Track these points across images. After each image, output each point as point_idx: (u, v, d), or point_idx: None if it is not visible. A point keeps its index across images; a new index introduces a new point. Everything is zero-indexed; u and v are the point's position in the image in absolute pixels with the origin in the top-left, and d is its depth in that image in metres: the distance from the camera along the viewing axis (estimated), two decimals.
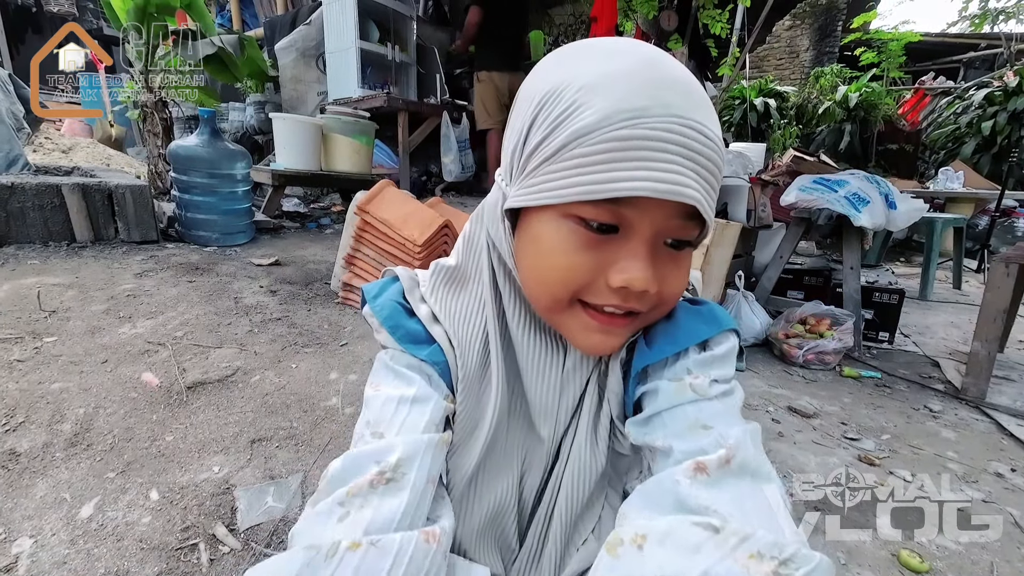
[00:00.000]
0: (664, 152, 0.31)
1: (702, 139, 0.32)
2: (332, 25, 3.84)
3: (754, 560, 0.29)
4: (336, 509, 0.34)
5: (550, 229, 0.35)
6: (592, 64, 0.34)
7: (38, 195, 2.12)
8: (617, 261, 0.34)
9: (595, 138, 0.32)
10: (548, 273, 0.36)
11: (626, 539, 0.33)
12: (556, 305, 0.37)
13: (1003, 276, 1.49)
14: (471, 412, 0.43)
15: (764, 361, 1.82)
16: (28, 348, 1.34)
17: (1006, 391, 1.62)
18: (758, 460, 0.35)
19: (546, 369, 0.43)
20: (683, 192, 0.32)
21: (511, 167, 0.38)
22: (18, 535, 0.80)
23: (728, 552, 0.30)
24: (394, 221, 1.73)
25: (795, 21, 7.74)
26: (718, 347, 0.41)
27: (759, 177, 2.81)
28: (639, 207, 0.33)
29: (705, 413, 0.38)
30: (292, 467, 1.02)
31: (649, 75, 0.32)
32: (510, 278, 0.41)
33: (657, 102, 0.31)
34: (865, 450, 1.24)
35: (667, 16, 4.08)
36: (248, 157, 2.64)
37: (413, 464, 0.36)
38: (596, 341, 0.38)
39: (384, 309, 0.44)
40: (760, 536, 0.30)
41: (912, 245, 4.54)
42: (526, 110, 0.36)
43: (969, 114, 5.13)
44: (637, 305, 0.36)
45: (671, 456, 0.37)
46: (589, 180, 0.32)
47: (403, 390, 0.40)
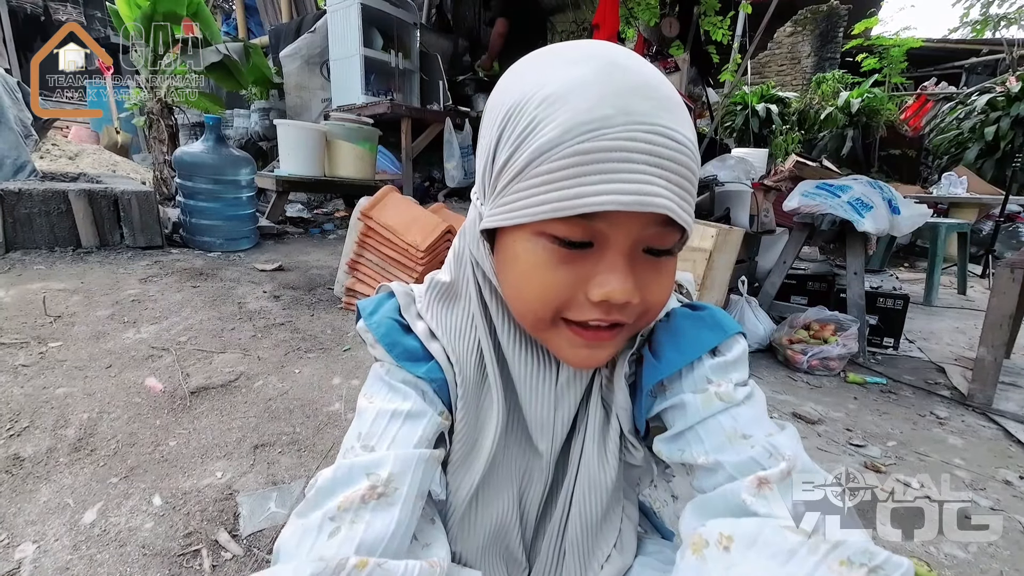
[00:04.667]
0: (628, 162, 0.30)
1: (670, 143, 0.31)
2: (336, 33, 3.88)
3: (845, 567, 0.29)
4: (327, 524, 0.33)
5: (526, 248, 0.35)
6: (553, 74, 0.33)
7: (44, 201, 2.13)
8: (595, 275, 0.34)
9: (558, 153, 0.31)
10: (527, 292, 0.36)
11: (711, 540, 0.32)
12: (539, 323, 0.37)
13: (1009, 281, 1.48)
14: (471, 428, 0.43)
15: (768, 367, 1.81)
16: (33, 353, 1.34)
17: (1013, 397, 1.60)
18: (813, 465, 0.35)
19: (540, 384, 0.42)
20: (652, 202, 0.31)
21: (483, 186, 0.38)
22: (21, 540, 0.80)
23: (821, 558, 0.29)
24: (397, 226, 1.74)
25: (796, 27, 7.77)
26: (729, 352, 0.41)
27: (761, 183, 2.82)
28: (611, 220, 0.32)
29: (740, 421, 0.37)
30: (295, 473, 1.01)
31: (611, 82, 0.31)
32: (496, 294, 0.41)
33: (619, 110, 0.30)
34: (871, 457, 1.23)
35: (669, 23, 4.10)
36: (252, 163, 2.66)
37: (405, 480, 0.36)
38: (583, 356, 0.37)
39: (381, 326, 0.43)
40: (851, 543, 0.30)
41: (916, 250, 4.53)
42: (492, 127, 0.36)
43: (972, 119, 5.13)
44: (621, 316, 0.35)
45: (720, 472, 0.36)
46: (556, 197, 0.31)
47: (397, 404, 0.39)
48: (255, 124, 4.50)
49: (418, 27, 4.32)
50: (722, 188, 2.25)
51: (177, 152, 2.51)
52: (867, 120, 5.74)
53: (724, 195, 2.24)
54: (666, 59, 4.17)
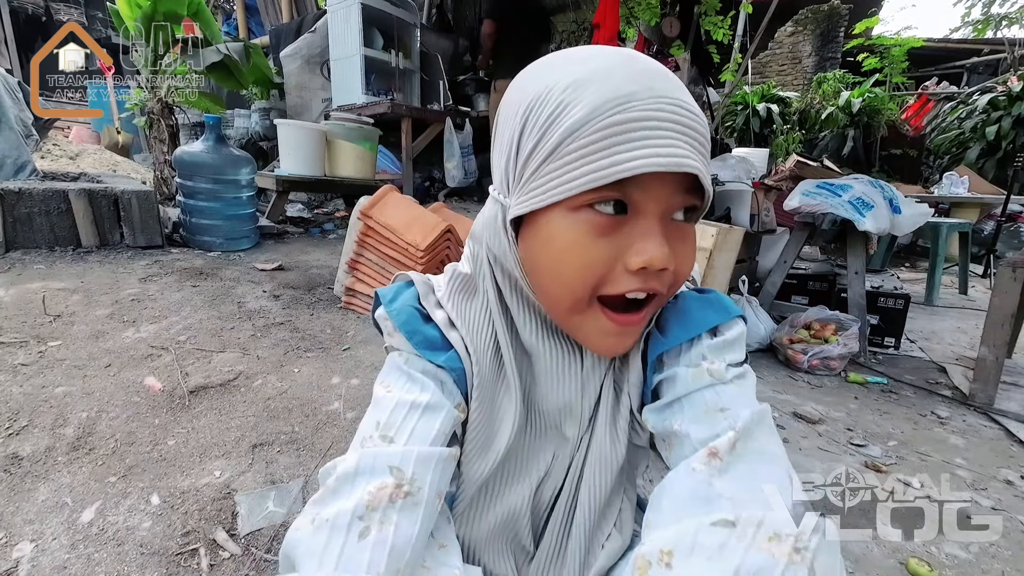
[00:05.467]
0: (659, 129, 0.33)
1: (690, 115, 0.34)
2: (336, 33, 3.88)
3: (774, 542, 0.31)
4: (355, 523, 0.33)
5: (562, 226, 0.36)
6: (572, 68, 0.35)
7: (44, 201, 2.13)
8: (632, 244, 0.35)
9: (590, 128, 0.33)
10: (567, 270, 0.36)
11: (653, 560, 0.33)
12: (577, 304, 0.37)
13: (1010, 281, 1.48)
14: (486, 421, 0.43)
15: (768, 366, 1.80)
16: (32, 352, 1.34)
17: (1015, 397, 1.60)
18: (765, 440, 0.37)
19: (567, 371, 0.43)
20: (685, 163, 0.33)
21: (506, 179, 0.39)
22: (19, 539, 0.80)
23: (750, 542, 0.31)
24: (397, 226, 1.74)
25: (797, 27, 7.76)
26: (728, 332, 0.42)
27: (762, 182, 2.81)
28: (644, 187, 0.34)
29: (723, 397, 0.39)
30: (293, 472, 1.01)
31: (630, 67, 0.34)
32: (517, 289, 0.42)
33: (643, 87, 0.33)
34: (872, 456, 1.23)
35: (669, 23, 4.10)
36: (252, 163, 2.65)
37: (426, 478, 0.36)
38: (611, 344, 0.39)
39: (401, 314, 0.43)
40: (772, 518, 0.32)
41: (917, 250, 4.52)
42: (513, 121, 0.37)
43: (973, 119, 5.12)
44: (657, 285, 0.37)
45: (687, 443, 0.38)
46: (593, 168, 0.33)
47: (416, 395, 0.40)
48: (255, 124, 4.50)
49: (418, 27, 4.32)
50: (722, 188, 2.25)
51: (177, 152, 2.51)
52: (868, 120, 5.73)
53: (725, 195, 2.24)
54: (666, 59, 4.17)
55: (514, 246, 0.39)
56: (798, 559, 0.30)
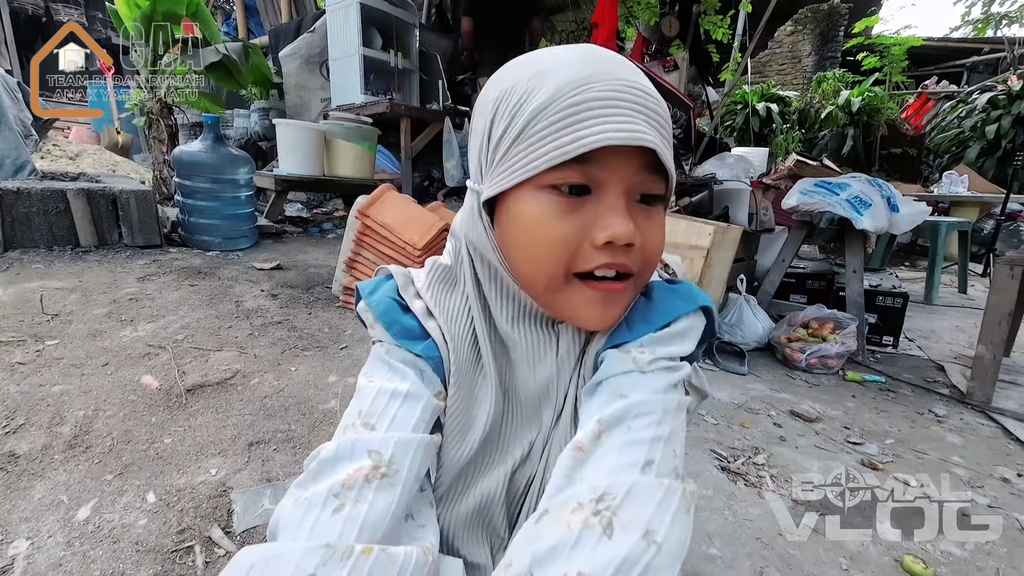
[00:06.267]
0: (617, 107, 0.35)
1: (649, 97, 0.36)
2: (336, 32, 3.88)
3: (576, 512, 0.31)
4: (331, 499, 0.34)
5: (529, 205, 0.38)
6: (536, 62, 0.38)
7: (43, 200, 2.14)
8: (597, 220, 0.36)
9: (553, 109, 0.35)
10: (537, 249, 0.38)
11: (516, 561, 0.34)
12: (552, 282, 0.39)
13: (1008, 279, 1.47)
14: (464, 408, 0.44)
15: (766, 365, 1.80)
16: (30, 351, 1.35)
17: (1012, 395, 1.60)
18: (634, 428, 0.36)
19: (542, 356, 0.44)
20: (643, 138, 0.34)
21: (480, 167, 0.41)
22: (15, 537, 0.80)
23: (555, 515, 0.32)
24: (395, 225, 1.74)
25: (797, 26, 7.75)
26: (677, 324, 0.42)
27: (760, 181, 2.81)
28: (605, 164, 0.36)
29: (632, 384, 0.38)
30: (289, 470, 1.01)
31: (593, 56, 0.37)
32: (496, 278, 0.43)
33: (602, 71, 0.36)
34: (869, 455, 1.23)
35: (668, 22, 4.10)
36: (251, 162, 2.66)
37: (405, 462, 0.37)
38: (597, 313, 0.40)
39: (380, 304, 0.45)
40: (580, 488, 0.32)
41: (916, 249, 4.52)
42: (484, 114, 0.40)
43: (973, 118, 5.11)
44: (626, 260, 0.38)
45: (584, 428, 0.38)
46: (555, 146, 0.35)
47: (396, 384, 0.41)
48: (255, 124, 4.50)
49: (417, 27, 4.32)
50: (720, 186, 2.25)
51: (176, 151, 2.52)
52: (868, 119, 5.72)
53: (723, 193, 2.23)
54: (666, 58, 4.17)
55: (490, 230, 0.41)
56: (594, 521, 0.30)
